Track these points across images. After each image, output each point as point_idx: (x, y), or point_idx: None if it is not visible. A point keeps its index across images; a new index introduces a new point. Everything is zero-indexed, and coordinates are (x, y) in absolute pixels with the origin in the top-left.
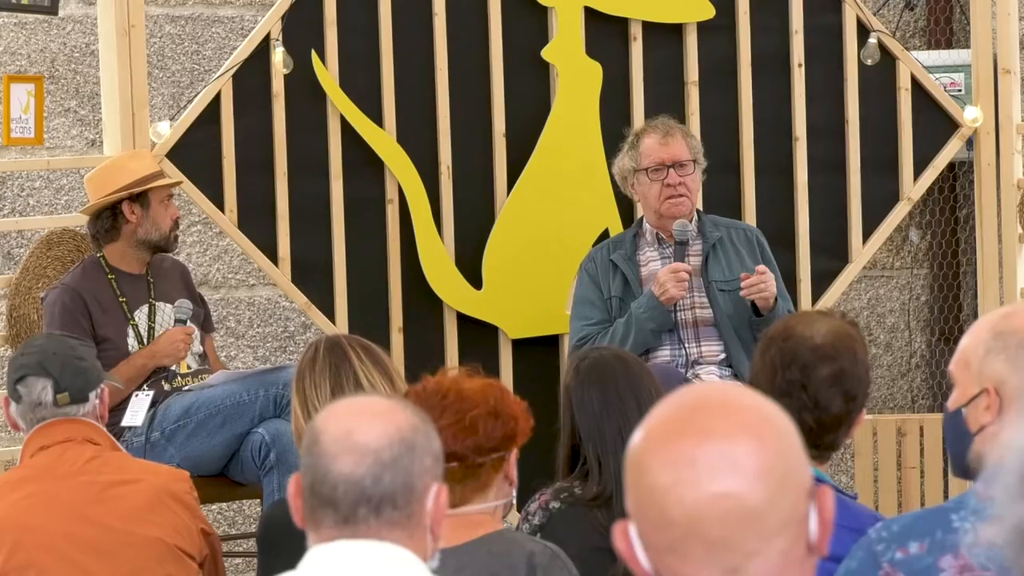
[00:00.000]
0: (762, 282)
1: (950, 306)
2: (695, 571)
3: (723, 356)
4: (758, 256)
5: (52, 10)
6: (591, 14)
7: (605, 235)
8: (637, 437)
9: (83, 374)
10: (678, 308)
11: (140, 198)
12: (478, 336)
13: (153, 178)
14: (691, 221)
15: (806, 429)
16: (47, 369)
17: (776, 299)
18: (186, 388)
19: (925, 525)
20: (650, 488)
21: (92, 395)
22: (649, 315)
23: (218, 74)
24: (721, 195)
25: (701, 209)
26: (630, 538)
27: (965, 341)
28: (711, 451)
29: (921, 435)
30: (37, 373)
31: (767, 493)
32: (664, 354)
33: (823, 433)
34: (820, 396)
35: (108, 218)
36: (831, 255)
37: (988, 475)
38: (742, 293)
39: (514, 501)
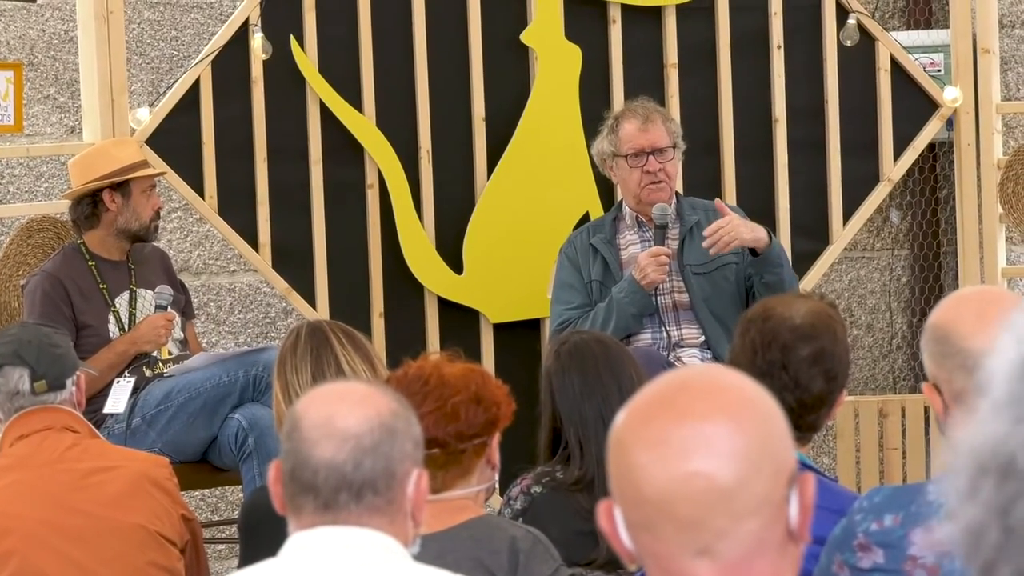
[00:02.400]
0: (721, 230)
1: (931, 287)
2: (668, 550)
3: (703, 339)
4: None
5: None
6: None
7: (585, 218)
8: (620, 417)
9: (59, 361)
10: (658, 292)
11: (121, 187)
12: (459, 320)
13: (136, 167)
14: (670, 204)
15: (787, 409)
16: (23, 357)
17: (771, 237)
18: (167, 373)
19: (903, 498)
20: (628, 466)
21: (69, 382)
22: (630, 299)
23: (197, 60)
24: (701, 177)
25: (680, 192)
26: (614, 517)
27: None
28: (685, 431)
29: (903, 416)
30: (13, 362)
31: (738, 473)
32: (645, 337)
33: (804, 413)
34: (800, 376)
35: (88, 205)
36: (811, 236)
37: (940, 476)
38: (707, 246)
39: (496, 485)
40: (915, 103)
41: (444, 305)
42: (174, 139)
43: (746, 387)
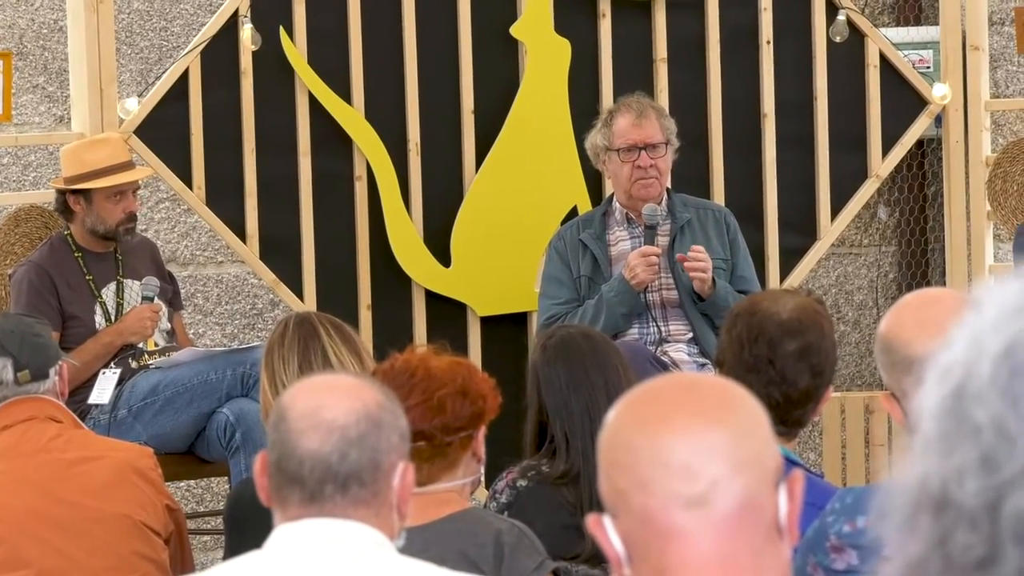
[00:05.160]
0: (699, 261)
1: (918, 283)
2: (659, 503)
3: (691, 335)
4: (726, 238)
5: None
6: None
7: (573, 212)
8: (611, 413)
9: (42, 351)
10: (647, 289)
11: (84, 191)
12: (446, 313)
13: (104, 173)
14: (661, 202)
15: (773, 404)
16: (6, 347)
17: (715, 283)
18: (153, 365)
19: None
20: (619, 438)
21: (52, 372)
22: (619, 299)
23: (186, 50)
24: (689, 172)
25: (670, 187)
26: (603, 525)
27: None
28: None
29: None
30: None
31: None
32: (633, 332)
33: (791, 408)
34: (787, 371)
35: (61, 203)
36: (799, 232)
37: (876, 515)
38: (684, 267)
39: (482, 478)
40: (904, 99)
41: (431, 298)
42: (162, 129)
43: (734, 388)
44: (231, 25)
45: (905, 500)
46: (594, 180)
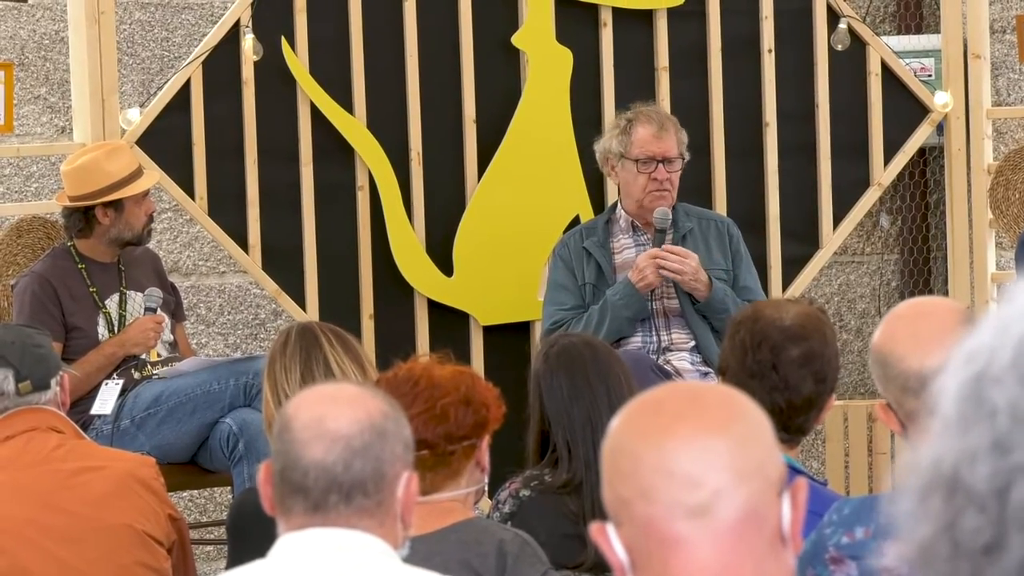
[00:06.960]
0: (681, 259)
1: (920, 292)
2: (661, 512)
3: (693, 343)
4: (728, 248)
5: None
6: (561, 0)
7: (576, 221)
8: (614, 422)
9: (43, 361)
10: (650, 298)
11: (115, 202)
12: (449, 323)
13: (129, 180)
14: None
15: (776, 410)
16: (7, 358)
17: (711, 287)
18: (156, 374)
19: (872, 510)
20: (622, 446)
21: (53, 382)
22: (625, 302)
23: (188, 61)
24: (691, 180)
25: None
26: (607, 533)
27: None
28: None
29: None
30: None
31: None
32: (636, 340)
33: (793, 415)
34: (790, 377)
35: (81, 219)
36: (801, 240)
37: (891, 497)
38: (660, 257)
39: (486, 489)
40: (906, 108)
41: (434, 307)
42: (164, 140)
43: (737, 396)
44: (233, 35)
45: (918, 481)
46: (596, 189)
